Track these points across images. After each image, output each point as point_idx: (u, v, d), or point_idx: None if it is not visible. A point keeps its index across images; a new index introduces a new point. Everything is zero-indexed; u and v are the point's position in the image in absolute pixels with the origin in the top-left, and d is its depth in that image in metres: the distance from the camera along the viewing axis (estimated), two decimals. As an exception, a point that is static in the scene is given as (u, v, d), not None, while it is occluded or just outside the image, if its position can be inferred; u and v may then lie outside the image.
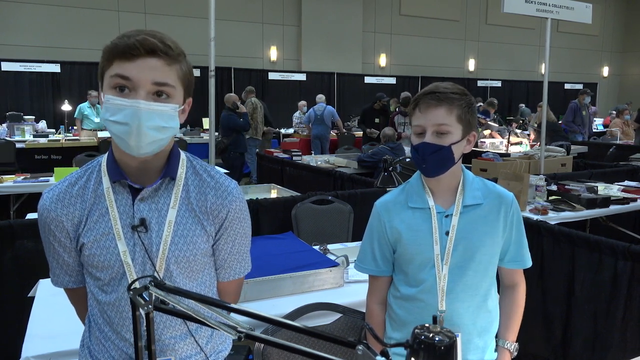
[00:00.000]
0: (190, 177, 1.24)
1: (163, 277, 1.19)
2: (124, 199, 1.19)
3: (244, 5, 11.67)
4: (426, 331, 0.83)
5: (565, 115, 9.54)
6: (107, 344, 1.24)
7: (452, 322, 1.48)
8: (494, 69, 15.25)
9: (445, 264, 1.46)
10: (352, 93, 12.82)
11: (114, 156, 1.20)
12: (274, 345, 0.88)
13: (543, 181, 3.97)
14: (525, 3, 4.76)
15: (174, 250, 1.19)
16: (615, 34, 17.64)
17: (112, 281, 1.19)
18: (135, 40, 1.08)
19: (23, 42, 9.90)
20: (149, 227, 1.18)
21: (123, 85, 1.09)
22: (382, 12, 13.56)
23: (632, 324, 2.39)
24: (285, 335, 1.55)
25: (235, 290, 1.38)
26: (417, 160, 1.46)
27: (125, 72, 1.08)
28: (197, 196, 1.23)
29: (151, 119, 1.09)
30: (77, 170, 1.24)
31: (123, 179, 1.17)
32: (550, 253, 2.82)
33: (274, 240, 2.69)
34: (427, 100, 1.42)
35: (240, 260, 1.32)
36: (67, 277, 1.27)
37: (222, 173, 1.29)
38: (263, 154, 7.07)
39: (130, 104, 1.08)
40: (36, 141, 7.82)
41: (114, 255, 1.17)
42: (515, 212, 1.53)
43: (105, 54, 1.10)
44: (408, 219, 1.51)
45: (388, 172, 3.07)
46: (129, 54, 1.08)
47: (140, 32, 1.10)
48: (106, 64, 1.11)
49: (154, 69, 1.09)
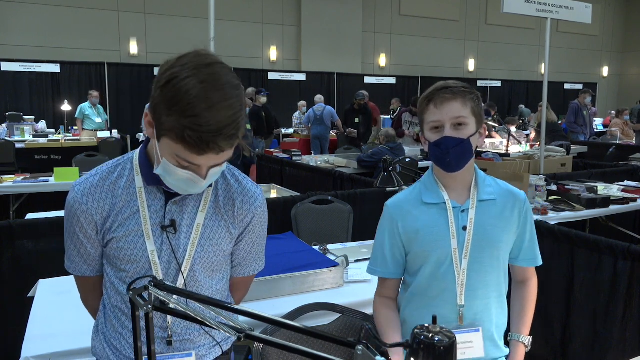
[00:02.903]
0: (219, 182, 1.29)
1: (187, 276, 1.25)
2: (157, 200, 1.24)
3: (243, 5, 11.68)
4: (426, 331, 0.83)
5: (567, 115, 9.53)
6: (124, 332, 1.28)
7: (471, 317, 1.48)
8: (494, 69, 15.26)
9: (464, 258, 1.47)
10: (352, 93, 12.76)
11: (149, 159, 1.23)
12: (274, 345, 0.89)
13: (543, 181, 3.96)
14: (525, 3, 4.76)
15: (200, 252, 1.25)
16: (615, 34, 17.65)
17: (136, 275, 1.23)
18: (214, 145, 1.05)
19: (23, 42, 9.90)
20: (178, 229, 1.23)
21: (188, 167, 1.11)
22: (382, 12, 13.56)
23: (631, 324, 2.39)
24: (284, 335, 1.55)
25: (246, 286, 1.46)
26: (439, 155, 1.45)
27: (195, 161, 1.09)
28: (225, 201, 1.29)
29: (210, 182, 1.17)
30: (107, 164, 1.27)
31: (159, 185, 1.22)
32: (550, 253, 2.82)
33: (273, 240, 2.68)
34: (441, 95, 1.43)
35: (257, 259, 1.40)
36: (86, 266, 1.30)
37: (249, 179, 1.34)
38: (263, 154, 7.07)
39: (193, 178, 1.11)
40: (36, 141, 7.82)
41: (140, 252, 1.22)
42: (528, 210, 1.54)
43: (173, 132, 1.06)
44: (423, 215, 1.50)
45: (388, 172, 3.06)
46: (200, 151, 1.06)
47: (216, 119, 1.03)
48: (170, 137, 1.07)
49: (224, 156, 1.11)
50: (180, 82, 1.02)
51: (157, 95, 1.06)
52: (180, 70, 1.04)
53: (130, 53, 10.84)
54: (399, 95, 11.96)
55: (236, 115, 1.05)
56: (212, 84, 1.03)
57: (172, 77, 1.04)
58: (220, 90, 1.04)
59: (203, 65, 1.05)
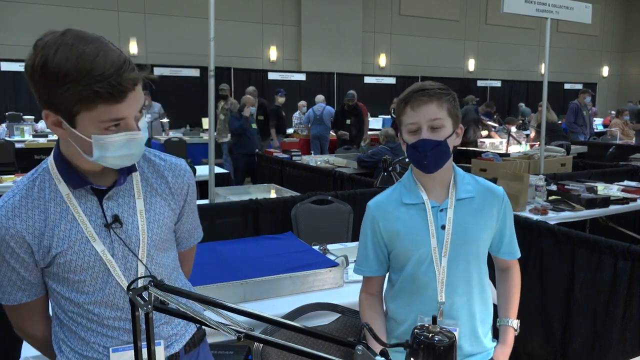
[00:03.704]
0: (144, 165, 1.28)
1: (146, 262, 1.24)
2: (89, 201, 1.19)
3: (243, 5, 11.67)
4: (426, 331, 0.83)
5: (566, 115, 9.53)
6: (97, 338, 1.24)
7: (451, 314, 1.51)
8: (494, 69, 15.25)
9: (444, 257, 1.50)
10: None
11: (67, 162, 1.17)
12: (273, 345, 0.88)
13: (543, 181, 3.96)
14: (525, 3, 4.76)
15: (151, 236, 1.24)
16: (615, 34, 17.65)
17: (95, 280, 1.20)
18: (125, 79, 1.04)
19: (23, 42, 9.88)
20: (123, 222, 1.21)
21: (117, 124, 1.08)
22: (382, 12, 13.56)
23: (631, 324, 2.39)
24: (284, 335, 1.55)
25: (192, 257, 1.48)
26: (416, 158, 1.48)
27: (119, 115, 1.06)
28: (156, 179, 1.28)
29: (145, 136, 1.15)
30: (20, 181, 1.20)
31: (87, 184, 1.17)
32: (550, 253, 2.82)
33: (273, 240, 2.68)
34: (417, 98, 1.46)
35: (197, 227, 1.43)
36: (21, 293, 1.22)
37: (170, 155, 1.35)
38: (263, 154, 7.07)
39: (131, 136, 1.10)
40: (35, 141, 7.83)
41: (91, 257, 1.18)
42: (507, 206, 1.58)
43: (84, 100, 1.02)
44: (403, 216, 1.54)
45: (387, 172, 3.07)
46: (119, 98, 1.05)
47: (109, 59, 1.03)
48: (84, 107, 1.04)
49: (140, 96, 1.11)
50: (54, 59, 1.00)
51: (42, 88, 1.03)
52: (45, 53, 1.00)
53: (130, 53, 10.82)
54: (398, 95, 11.93)
55: (121, 55, 1.05)
56: (81, 42, 1.02)
57: (43, 62, 1.00)
58: (92, 42, 1.03)
59: (59, 36, 1.02)
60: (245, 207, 3.37)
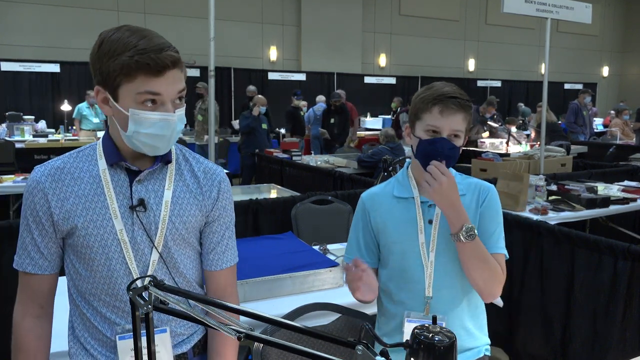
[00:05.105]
0: (182, 162, 1.32)
1: (162, 253, 1.25)
2: (121, 180, 1.24)
3: (243, 5, 11.67)
4: (426, 331, 0.83)
5: (566, 116, 9.52)
6: (105, 324, 1.26)
7: (438, 309, 1.53)
8: (494, 69, 15.25)
9: (431, 251, 1.52)
10: (352, 93, 12.80)
11: (113, 142, 1.24)
12: (273, 345, 0.88)
13: (543, 181, 3.96)
14: (525, 3, 4.76)
15: (171, 228, 1.25)
16: (615, 34, 17.64)
17: (109, 261, 1.22)
18: (165, 55, 1.12)
19: (23, 42, 9.90)
20: (147, 207, 1.23)
21: (153, 100, 1.15)
22: (382, 12, 13.56)
23: (631, 324, 2.39)
24: (284, 335, 1.55)
25: (232, 286, 1.40)
26: (430, 152, 1.47)
27: (155, 89, 1.13)
28: (190, 177, 1.31)
29: (180, 125, 1.20)
30: (70, 152, 1.28)
31: (121, 161, 1.23)
32: (550, 253, 2.82)
33: (273, 241, 2.68)
34: (449, 104, 1.47)
35: (230, 248, 1.37)
36: (28, 260, 1.26)
37: (205, 159, 1.38)
38: (263, 154, 7.07)
39: (165, 117, 1.16)
40: (36, 141, 7.82)
41: (111, 234, 1.21)
42: (491, 199, 1.55)
43: (125, 69, 1.11)
44: (393, 208, 1.57)
45: (388, 172, 3.07)
46: (157, 71, 1.12)
47: (154, 42, 1.13)
48: (125, 78, 1.12)
49: (179, 80, 1.17)
50: (111, 37, 1.13)
51: (97, 63, 1.14)
52: (104, 35, 1.15)
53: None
54: (398, 95, 11.94)
55: (167, 42, 1.15)
56: (133, 28, 1.15)
57: (100, 41, 1.14)
58: (143, 30, 1.15)
59: (117, 27, 1.16)
60: (245, 207, 3.37)
